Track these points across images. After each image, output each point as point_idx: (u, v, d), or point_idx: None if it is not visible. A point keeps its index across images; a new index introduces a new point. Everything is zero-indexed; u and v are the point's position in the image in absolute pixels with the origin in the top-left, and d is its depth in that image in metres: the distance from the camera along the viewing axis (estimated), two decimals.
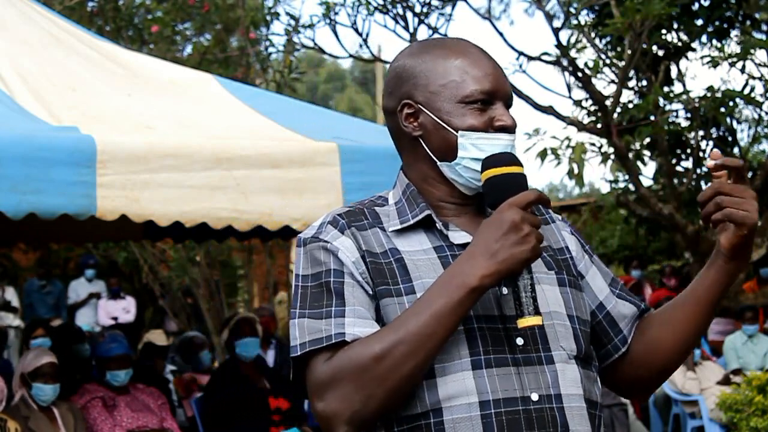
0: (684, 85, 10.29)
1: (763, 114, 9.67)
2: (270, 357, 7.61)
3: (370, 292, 1.71)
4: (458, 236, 1.77)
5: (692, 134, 9.48)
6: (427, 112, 1.78)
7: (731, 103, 8.78)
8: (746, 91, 8.82)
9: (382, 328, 1.67)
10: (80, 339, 7.35)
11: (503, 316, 1.72)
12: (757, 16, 9.62)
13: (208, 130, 4.65)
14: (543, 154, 10.01)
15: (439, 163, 1.79)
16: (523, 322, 1.65)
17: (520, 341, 1.70)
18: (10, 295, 10.75)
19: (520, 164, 1.72)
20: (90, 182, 3.95)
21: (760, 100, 9.07)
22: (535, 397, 1.68)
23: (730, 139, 10.15)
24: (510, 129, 1.77)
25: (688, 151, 10.13)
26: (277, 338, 8.25)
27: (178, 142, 4.26)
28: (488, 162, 1.72)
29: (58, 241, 10.15)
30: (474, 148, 1.75)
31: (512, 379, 1.68)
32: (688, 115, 9.43)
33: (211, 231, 4.97)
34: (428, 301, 1.63)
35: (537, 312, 1.65)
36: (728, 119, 9.35)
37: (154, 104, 4.87)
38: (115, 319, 10.90)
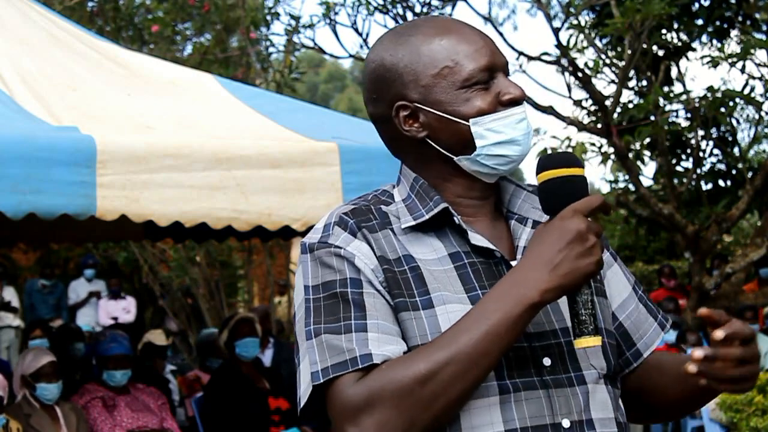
0: (684, 85, 10.30)
1: (763, 114, 9.67)
2: (267, 357, 7.60)
3: (391, 304, 1.52)
4: (477, 238, 1.58)
5: (692, 134, 9.47)
6: (427, 108, 1.58)
7: (731, 103, 8.77)
8: (746, 91, 8.82)
9: (426, 344, 1.47)
10: (77, 338, 7.35)
11: (527, 333, 1.52)
12: (757, 16, 9.62)
13: (208, 130, 4.65)
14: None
15: (456, 158, 1.60)
16: (581, 343, 1.49)
17: (547, 361, 1.53)
18: (10, 295, 10.76)
19: (580, 165, 1.53)
20: (90, 182, 3.94)
21: (760, 100, 9.07)
22: (566, 423, 1.52)
23: (730, 139, 10.15)
24: (519, 100, 1.58)
25: (688, 151, 10.13)
26: (275, 337, 8.24)
27: (177, 142, 4.25)
28: (546, 162, 1.53)
29: (58, 241, 10.14)
30: (491, 132, 1.57)
31: (542, 403, 1.51)
32: (688, 115, 9.42)
33: (211, 231, 4.97)
34: (482, 316, 1.44)
35: (597, 331, 1.49)
36: (728, 119, 9.35)
37: (154, 104, 4.87)
38: (115, 319, 10.91)
